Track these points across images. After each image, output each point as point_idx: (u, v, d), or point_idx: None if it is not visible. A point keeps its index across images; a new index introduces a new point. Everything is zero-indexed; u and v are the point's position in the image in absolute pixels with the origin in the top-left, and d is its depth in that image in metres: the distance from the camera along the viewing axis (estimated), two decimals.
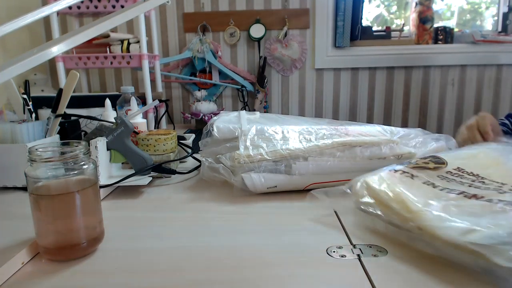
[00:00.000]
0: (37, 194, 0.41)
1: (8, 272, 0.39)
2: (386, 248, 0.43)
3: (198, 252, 0.44)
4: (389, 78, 1.66)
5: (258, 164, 0.62)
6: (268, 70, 1.65)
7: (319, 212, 0.55)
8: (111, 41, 1.26)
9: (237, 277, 0.39)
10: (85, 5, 1.21)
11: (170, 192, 0.66)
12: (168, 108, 1.49)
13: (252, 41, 1.62)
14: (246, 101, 1.63)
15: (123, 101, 0.94)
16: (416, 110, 1.69)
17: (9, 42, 1.39)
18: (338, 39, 1.60)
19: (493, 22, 1.79)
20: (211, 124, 0.70)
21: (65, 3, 0.64)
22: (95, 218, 0.45)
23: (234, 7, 1.61)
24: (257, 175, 0.61)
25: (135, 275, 0.39)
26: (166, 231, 0.50)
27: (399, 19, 1.87)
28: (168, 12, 1.62)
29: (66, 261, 0.42)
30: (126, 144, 0.68)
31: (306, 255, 0.43)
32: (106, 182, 0.64)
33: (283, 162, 0.62)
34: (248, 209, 0.58)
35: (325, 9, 1.59)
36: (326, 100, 1.68)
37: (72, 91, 0.73)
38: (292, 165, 0.62)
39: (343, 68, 1.65)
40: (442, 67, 1.64)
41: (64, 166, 0.42)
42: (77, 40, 0.50)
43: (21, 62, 0.44)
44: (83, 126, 0.91)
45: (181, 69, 1.65)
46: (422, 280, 0.37)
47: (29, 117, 0.74)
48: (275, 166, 0.62)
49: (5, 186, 0.68)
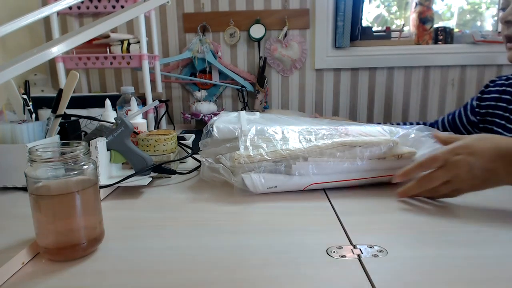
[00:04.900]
0: (37, 194, 0.41)
1: (8, 272, 0.39)
2: (386, 248, 0.43)
3: (198, 252, 0.44)
4: (389, 78, 1.66)
5: (258, 165, 0.62)
6: (268, 71, 1.65)
7: (319, 212, 0.55)
8: (111, 42, 1.26)
9: (237, 277, 0.39)
10: (85, 5, 1.21)
11: (170, 193, 0.66)
12: (168, 108, 1.49)
13: (252, 42, 1.62)
14: (246, 101, 1.63)
15: (123, 101, 0.94)
16: (416, 110, 1.69)
17: (9, 42, 1.39)
18: (338, 39, 1.60)
19: (493, 22, 1.79)
20: (211, 125, 0.70)
21: (65, 3, 0.64)
22: (95, 218, 0.45)
23: (234, 7, 1.61)
24: (257, 175, 0.61)
25: (135, 275, 0.39)
26: (166, 231, 0.50)
27: (399, 19, 1.87)
28: (168, 12, 1.62)
29: (66, 261, 0.42)
30: (126, 144, 0.68)
31: (306, 255, 0.43)
32: (106, 182, 0.64)
33: (283, 162, 0.62)
34: (248, 209, 0.58)
35: (325, 9, 1.59)
36: (326, 101, 1.68)
37: (72, 92, 0.73)
38: (292, 165, 0.62)
39: (343, 68, 1.65)
40: (442, 67, 1.64)
41: (64, 166, 0.42)
42: (77, 40, 0.50)
43: (21, 62, 0.44)
44: (83, 127, 0.91)
45: (181, 69, 1.65)
46: (422, 280, 0.37)
47: (29, 118, 0.74)
48: (275, 166, 0.62)
49: (5, 186, 0.68)
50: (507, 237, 0.46)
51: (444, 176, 0.55)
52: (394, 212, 0.55)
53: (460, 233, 0.47)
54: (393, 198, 0.60)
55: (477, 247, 0.44)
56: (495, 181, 0.54)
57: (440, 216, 0.53)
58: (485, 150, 0.53)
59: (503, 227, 0.49)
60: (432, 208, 0.56)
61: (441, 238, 0.46)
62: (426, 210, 0.55)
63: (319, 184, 0.63)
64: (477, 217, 0.52)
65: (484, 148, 0.53)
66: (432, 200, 0.59)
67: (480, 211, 0.55)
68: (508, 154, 0.52)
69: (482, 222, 0.51)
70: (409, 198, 0.60)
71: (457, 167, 0.53)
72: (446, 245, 0.44)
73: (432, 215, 0.54)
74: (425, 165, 0.55)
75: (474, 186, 0.54)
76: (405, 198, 0.60)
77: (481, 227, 0.49)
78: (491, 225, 0.50)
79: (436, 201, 0.59)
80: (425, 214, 0.54)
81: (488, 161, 0.52)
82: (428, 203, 0.58)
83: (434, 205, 0.58)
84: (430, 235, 0.47)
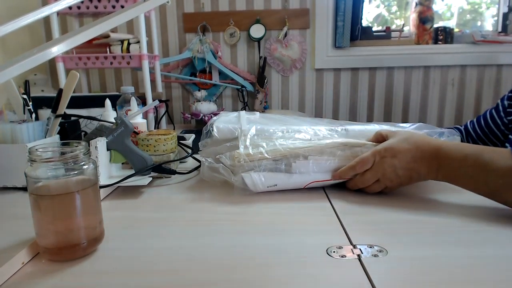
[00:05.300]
0: (37, 194, 0.41)
1: (8, 272, 0.39)
2: (386, 248, 0.43)
3: (198, 252, 0.44)
4: (389, 78, 1.66)
5: (258, 163, 0.62)
6: (268, 70, 1.65)
7: (319, 212, 0.55)
8: (111, 41, 1.26)
9: (237, 277, 0.39)
10: (85, 5, 1.21)
11: (170, 192, 0.66)
12: (168, 108, 1.49)
13: (252, 41, 1.62)
14: (246, 101, 1.63)
15: (123, 101, 0.94)
16: (416, 110, 1.69)
17: (9, 42, 1.39)
18: (338, 39, 1.60)
19: (493, 22, 1.79)
20: (210, 124, 0.70)
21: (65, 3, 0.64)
22: (95, 218, 0.45)
23: (234, 7, 1.61)
24: (257, 174, 0.62)
25: (135, 275, 0.39)
26: (166, 231, 0.50)
27: (399, 19, 1.88)
28: (168, 12, 1.62)
29: (66, 261, 0.42)
30: (126, 144, 0.68)
31: (306, 255, 0.43)
32: (106, 182, 0.64)
33: (283, 161, 0.62)
34: (248, 209, 0.58)
35: (325, 9, 1.59)
36: (326, 100, 1.68)
37: (72, 91, 0.73)
38: (292, 163, 0.62)
39: (343, 68, 1.65)
40: (442, 67, 1.64)
41: (64, 166, 0.42)
42: (77, 40, 0.50)
43: (21, 62, 0.44)
44: (83, 126, 0.91)
45: (181, 69, 1.65)
46: (422, 280, 0.37)
47: (29, 117, 0.74)
48: (275, 165, 0.62)
49: (5, 186, 0.68)
50: (507, 237, 0.46)
51: (374, 177, 0.61)
52: (394, 212, 0.55)
53: (460, 233, 0.47)
54: (393, 198, 0.60)
55: (477, 247, 0.44)
56: (417, 178, 0.60)
57: (440, 216, 0.53)
58: (406, 151, 0.59)
59: (503, 227, 0.49)
60: (432, 208, 0.56)
61: (441, 238, 0.46)
62: (426, 210, 0.55)
63: (319, 182, 0.63)
64: (477, 217, 0.52)
65: (405, 149, 0.59)
66: (432, 200, 0.60)
67: (480, 211, 0.55)
68: (427, 155, 0.58)
69: (482, 222, 0.51)
70: (409, 197, 0.60)
71: (383, 168, 0.60)
72: (446, 245, 0.44)
73: (432, 215, 0.54)
74: (357, 168, 0.61)
75: (400, 184, 0.61)
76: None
77: (481, 227, 0.49)
78: (491, 225, 0.50)
79: (436, 201, 0.59)
80: (425, 214, 0.54)
81: (409, 161, 0.58)
82: (428, 203, 0.58)
83: (434, 205, 0.58)
84: (430, 235, 0.47)
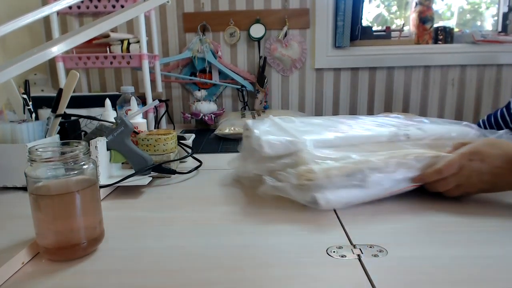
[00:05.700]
0: (37, 194, 0.41)
1: (8, 272, 0.39)
2: (386, 248, 0.43)
3: (198, 252, 0.44)
4: (389, 78, 1.66)
5: (329, 180, 0.55)
6: (268, 70, 1.65)
7: (319, 212, 0.55)
8: (111, 41, 1.26)
9: (237, 277, 0.39)
10: (85, 5, 1.21)
11: (170, 192, 0.66)
12: (168, 108, 1.49)
13: (252, 41, 1.62)
14: (246, 101, 1.63)
15: (123, 101, 0.94)
16: (416, 110, 1.69)
17: (9, 42, 1.38)
18: (338, 39, 1.60)
19: (493, 22, 1.79)
20: (257, 141, 0.63)
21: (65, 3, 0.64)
22: (95, 218, 0.45)
23: (234, 7, 1.60)
24: (330, 193, 0.55)
25: (135, 275, 0.39)
26: (166, 231, 0.50)
27: (399, 19, 1.87)
28: (168, 12, 1.62)
29: (66, 261, 0.42)
30: (126, 144, 0.68)
31: (306, 255, 0.43)
32: (106, 182, 0.64)
33: (356, 174, 0.56)
34: (248, 209, 0.58)
35: (325, 9, 1.59)
36: (326, 100, 1.68)
37: (72, 91, 0.73)
38: (366, 178, 0.56)
39: (343, 68, 1.65)
40: (442, 67, 1.64)
41: (64, 166, 0.42)
42: (77, 40, 0.50)
43: (21, 62, 0.44)
44: (83, 126, 0.91)
45: (181, 69, 1.65)
46: (422, 280, 0.37)
47: (29, 117, 0.74)
48: (348, 180, 0.56)
49: (5, 186, 0.68)
50: (507, 237, 0.46)
51: (456, 181, 0.57)
52: (394, 212, 0.55)
53: (460, 233, 0.47)
54: (393, 198, 0.60)
55: (477, 247, 0.44)
56: (502, 186, 0.57)
57: (440, 216, 0.53)
58: (496, 156, 0.56)
59: (503, 227, 0.49)
60: (432, 208, 0.56)
61: (441, 238, 0.46)
62: (426, 210, 0.55)
63: (395, 191, 0.59)
64: (477, 217, 0.52)
65: (494, 154, 0.56)
66: (431, 200, 0.59)
67: (481, 211, 0.55)
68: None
69: (482, 222, 0.51)
70: (409, 198, 0.60)
71: (469, 172, 0.56)
72: (446, 245, 0.44)
73: (432, 215, 0.54)
74: (444, 172, 0.57)
75: (481, 190, 0.58)
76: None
77: (481, 227, 0.49)
78: (491, 225, 0.50)
79: (436, 202, 0.59)
80: (425, 214, 0.54)
81: (497, 167, 0.55)
82: (428, 204, 0.58)
83: (434, 205, 0.58)
84: (430, 235, 0.47)
